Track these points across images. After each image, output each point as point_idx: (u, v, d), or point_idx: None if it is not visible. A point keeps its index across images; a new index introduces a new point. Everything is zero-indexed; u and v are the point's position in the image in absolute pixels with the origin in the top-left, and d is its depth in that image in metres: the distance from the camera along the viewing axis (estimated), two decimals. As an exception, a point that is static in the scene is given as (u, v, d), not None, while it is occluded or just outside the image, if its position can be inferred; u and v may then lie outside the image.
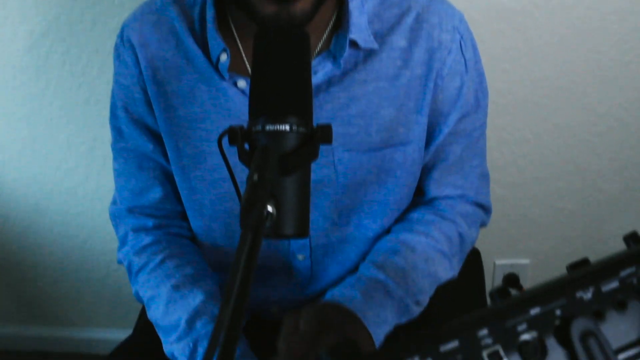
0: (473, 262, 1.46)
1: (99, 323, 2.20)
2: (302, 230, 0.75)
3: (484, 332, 0.47)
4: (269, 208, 0.66)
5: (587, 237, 1.94)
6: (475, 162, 1.14)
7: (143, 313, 1.36)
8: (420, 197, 1.17)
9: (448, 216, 1.12)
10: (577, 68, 1.68)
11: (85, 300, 2.17)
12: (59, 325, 2.27)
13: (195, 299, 1.05)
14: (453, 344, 0.46)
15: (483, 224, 1.21)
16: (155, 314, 1.08)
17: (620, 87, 1.70)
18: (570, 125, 1.74)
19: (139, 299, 1.14)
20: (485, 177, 1.19)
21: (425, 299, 1.06)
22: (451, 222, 1.12)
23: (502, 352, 0.47)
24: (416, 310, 1.04)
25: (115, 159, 1.16)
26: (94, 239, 2.01)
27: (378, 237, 1.13)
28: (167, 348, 1.06)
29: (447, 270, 1.09)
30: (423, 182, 1.14)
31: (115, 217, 1.19)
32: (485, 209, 1.19)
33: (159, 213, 1.16)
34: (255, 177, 0.64)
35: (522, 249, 1.97)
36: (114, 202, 1.19)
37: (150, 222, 1.15)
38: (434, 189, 1.14)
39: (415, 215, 1.14)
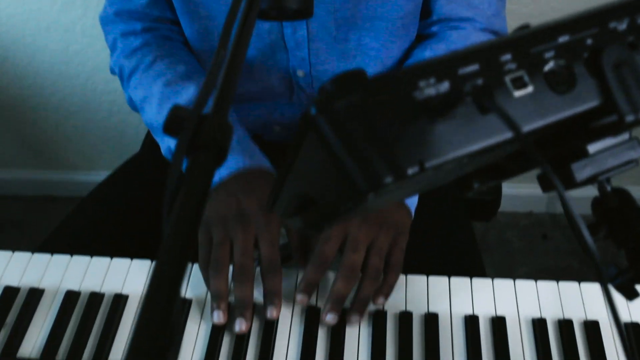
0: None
1: (103, 166, 2.19)
2: (306, 6, 0.70)
3: (507, 57, 0.43)
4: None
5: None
6: None
7: (149, 134, 1.35)
8: (430, 20, 1.11)
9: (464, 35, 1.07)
10: None
11: (88, 143, 2.15)
12: (64, 169, 2.25)
13: (189, 90, 1.02)
14: (473, 67, 0.42)
15: None
16: (149, 114, 1.05)
17: None
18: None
19: (132, 106, 1.11)
20: None
21: None
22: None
23: (526, 78, 0.43)
24: None
25: None
26: (96, 78, 1.96)
27: (381, 61, 1.08)
28: (164, 148, 1.04)
29: None
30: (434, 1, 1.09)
31: (104, 23, 1.15)
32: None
33: (147, 18, 1.12)
34: None
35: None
36: (104, 9, 1.14)
37: (138, 26, 1.11)
38: (444, 5, 1.08)
39: (433, 29, 1.09)
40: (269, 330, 0.86)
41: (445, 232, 1.13)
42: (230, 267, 0.89)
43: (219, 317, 0.86)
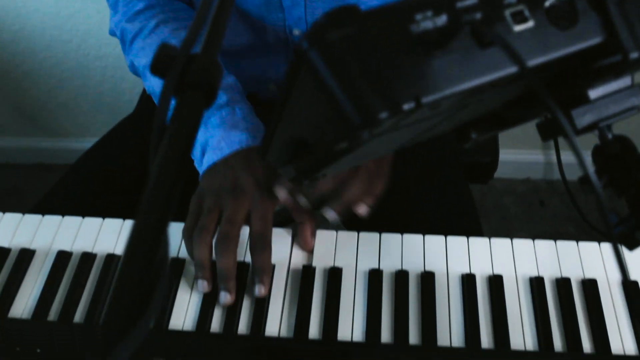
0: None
1: (97, 133, 2.16)
2: None
3: (507, -10, 0.41)
4: None
5: None
6: None
7: (144, 94, 1.33)
8: None
9: None
10: None
11: (82, 109, 2.13)
12: (58, 137, 2.23)
13: None
14: (472, 1, 0.40)
15: None
16: (152, 81, 1.03)
17: None
18: None
19: (134, 70, 1.08)
20: None
21: None
22: None
23: (527, 13, 0.41)
24: None
25: None
26: (88, 43, 1.93)
27: None
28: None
29: None
30: None
31: None
32: None
33: None
34: None
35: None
36: None
37: None
38: None
39: None
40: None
41: (442, 193, 1.11)
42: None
43: (203, 286, 0.84)
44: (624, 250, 0.55)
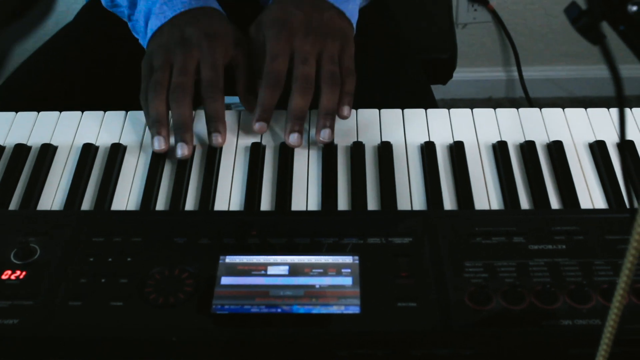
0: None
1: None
2: None
3: None
4: None
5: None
6: None
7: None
8: None
9: None
10: None
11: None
12: None
13: None
14: None
15: None
16: None
17: None
18: None
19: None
20: None
21: None
22: None
23: None
24: None
25: None
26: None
27: None
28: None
29: None
30: None
31: None
32: None
33: None
34: None
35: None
36: None
37: None
38: None
39: None
40: (210, 168, 0.80)
41: (404, 94, 1.06)
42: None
43: (159, 143, 0.80)
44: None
